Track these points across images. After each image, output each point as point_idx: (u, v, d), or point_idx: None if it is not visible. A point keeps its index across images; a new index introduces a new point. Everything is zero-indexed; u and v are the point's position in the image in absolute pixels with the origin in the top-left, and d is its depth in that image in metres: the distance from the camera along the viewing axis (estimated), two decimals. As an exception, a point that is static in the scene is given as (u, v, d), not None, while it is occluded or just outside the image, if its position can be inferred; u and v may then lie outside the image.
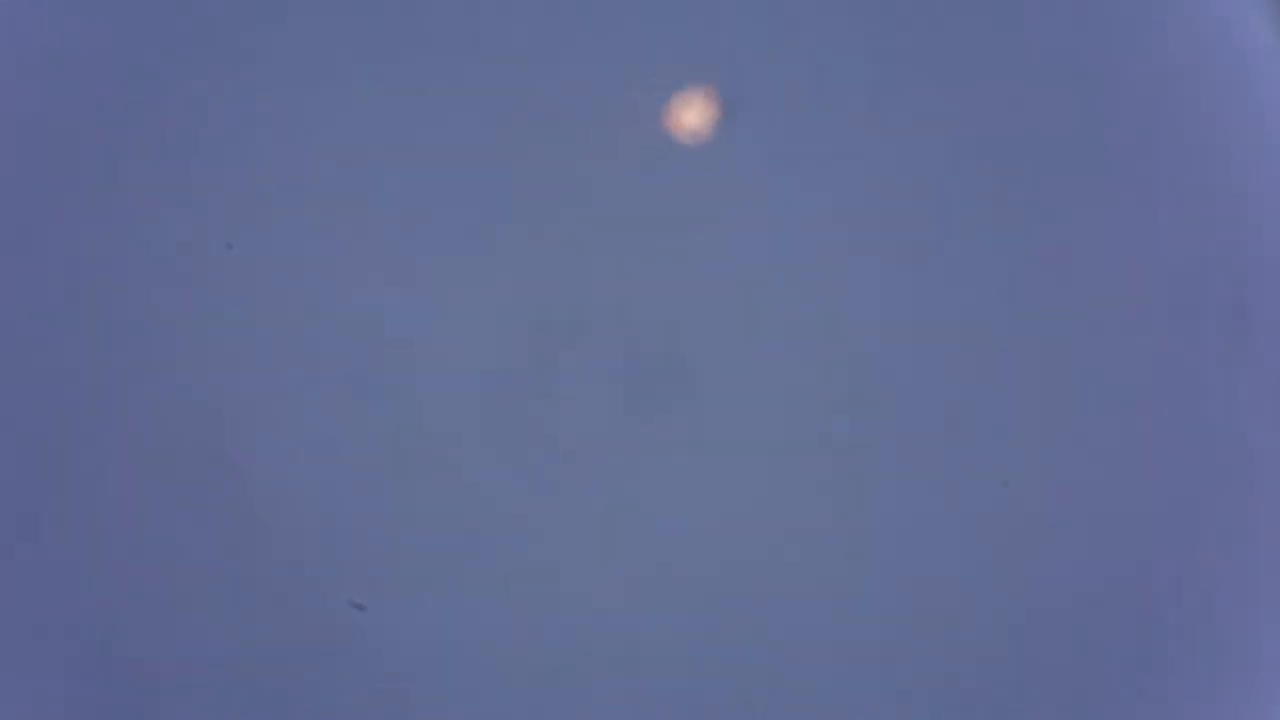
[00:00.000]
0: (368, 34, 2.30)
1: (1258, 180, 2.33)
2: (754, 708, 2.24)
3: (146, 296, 2.26)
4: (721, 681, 2.24)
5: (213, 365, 2.26)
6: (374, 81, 2.29)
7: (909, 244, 2.28)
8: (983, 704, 2.25)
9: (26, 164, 2.29)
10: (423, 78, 2.30)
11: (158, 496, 2.24)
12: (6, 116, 2.29)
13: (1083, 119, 2.31)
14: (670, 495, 2.26)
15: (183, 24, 2.30)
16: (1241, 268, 2.31)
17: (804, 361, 2.27)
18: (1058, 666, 2.26)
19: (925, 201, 2.29)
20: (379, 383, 2.26)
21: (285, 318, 2.27)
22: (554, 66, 2.30)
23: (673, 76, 2.30)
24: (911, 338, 2.27)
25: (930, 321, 2.28)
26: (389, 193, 2.28)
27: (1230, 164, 2.33)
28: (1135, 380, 2.28)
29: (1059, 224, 2.30)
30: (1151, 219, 2.31)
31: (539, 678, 2.24)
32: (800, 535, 2.26)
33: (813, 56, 2.30)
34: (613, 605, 2.25)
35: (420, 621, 2.24)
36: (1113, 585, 2.27)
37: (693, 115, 2.18)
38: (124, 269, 2.27)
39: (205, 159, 2.28)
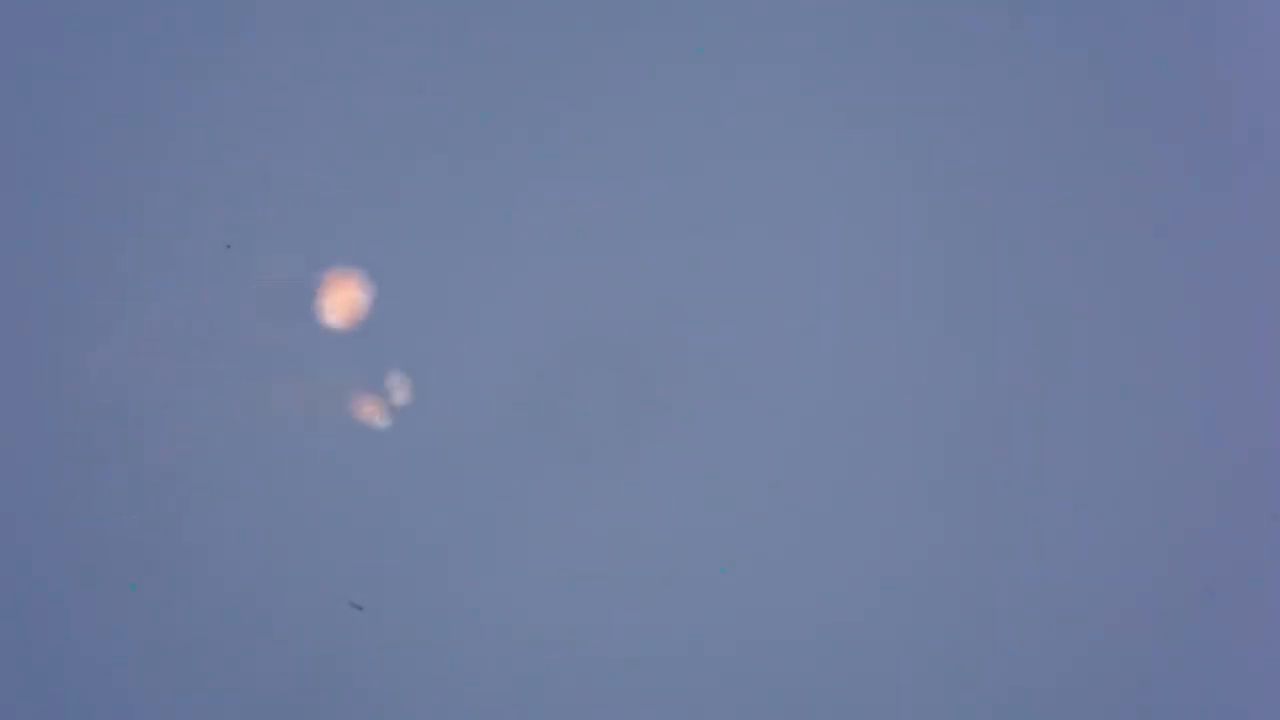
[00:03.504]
0: (372, 36, 2.30)
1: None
2: (754, 709, 2.24)
3: (149, 296, 2.26)
4: (721, 684, 2.24)
5: (209, 367, 2.26)
6: (382, 84, 2.30)
7: (916, 245, 2.28)
8: (984, 705, 2.25)
9: (26, 164, 2.29)
10: (428, 79, 2.30)
11: (158, 493, 2.24)
12: (7, 117, 2.29)
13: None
14: (673, 497, 2.26)
15: (183, 24, 2.30)
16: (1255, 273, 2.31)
17: (807, 363, 2.26)
18: (1060, 669, 2.26)
19: (927, 201, 2.29)
20: (379, 384, 2.26)
21: (285, 319, 2.27)
22: (557, 69, 2.30)
23: (676, 79, 2.30)
24: (915, 340, 2.27)
25: (935, 325, 2.27)
26: (394, 194, 2.28)
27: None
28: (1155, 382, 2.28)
29: (1066, 224, 2.30)
30: (1154, 218, 2.31)
31: (538, 679, 2.24)
32: (803, 533, 2.25)
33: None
34: (616, 607, 2.25)
35: (419, 623, 2.24)
36: (1119, 588, 2.26)
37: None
38: (124, 269, 2.27)
39: (207, 159, 2.29)
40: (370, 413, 2.25)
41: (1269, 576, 2.26)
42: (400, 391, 2.26)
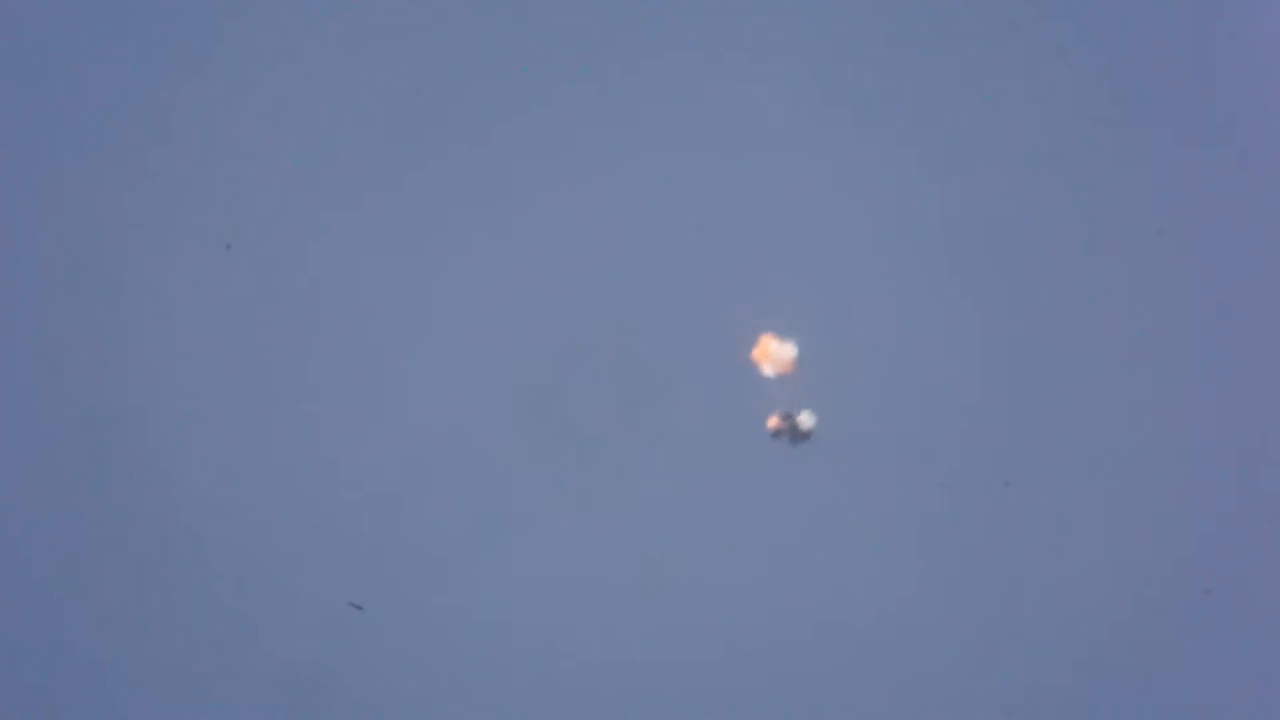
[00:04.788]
0: (373, 36, 2.30)
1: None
2: (753, 709, 2.24)
3: (149, 296, 2.26)
4: (719, 686, 2.24)
5: (210, 367, 2.26)
6: (382, 83, 2.30)
7: (915, 246, 2.28)
8: (985, 705, 2.25)
9: (26, 164, 2.29)
10: (428, 79, 2.30)
11: (157, 494, 2.24)
12: (8, 118, 2.29)
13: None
14: (672, 498, 2.26)
15: (183, 24, 2.30)
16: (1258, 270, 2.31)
17: (807, 363, 2.26)
18: (1061, 669, 2.26)
19: (931, 198, 2.29)
20: (379, 384, 2.26)
21: (285, 319, 2.27)
22: (558, 69, 2.30)
23: (678, 80, 2.30)
24: (915, 341, 2.27)
25: (936, 325, 2.27)
26: (393, 193, 2.28)
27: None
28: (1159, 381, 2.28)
29: (1066, 225, 2.30)
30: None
31: (537, 678, 2.24)
32: (804, 534, 2.25)
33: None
34: (614, 607, 2.25)
35: (418, 624, 2.24)
36: (1119, 587, 2.26)
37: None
38: (124, 269, 2.27)
39: (207, 159, 2.29)
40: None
41: (1269, 576, 2.26)
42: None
